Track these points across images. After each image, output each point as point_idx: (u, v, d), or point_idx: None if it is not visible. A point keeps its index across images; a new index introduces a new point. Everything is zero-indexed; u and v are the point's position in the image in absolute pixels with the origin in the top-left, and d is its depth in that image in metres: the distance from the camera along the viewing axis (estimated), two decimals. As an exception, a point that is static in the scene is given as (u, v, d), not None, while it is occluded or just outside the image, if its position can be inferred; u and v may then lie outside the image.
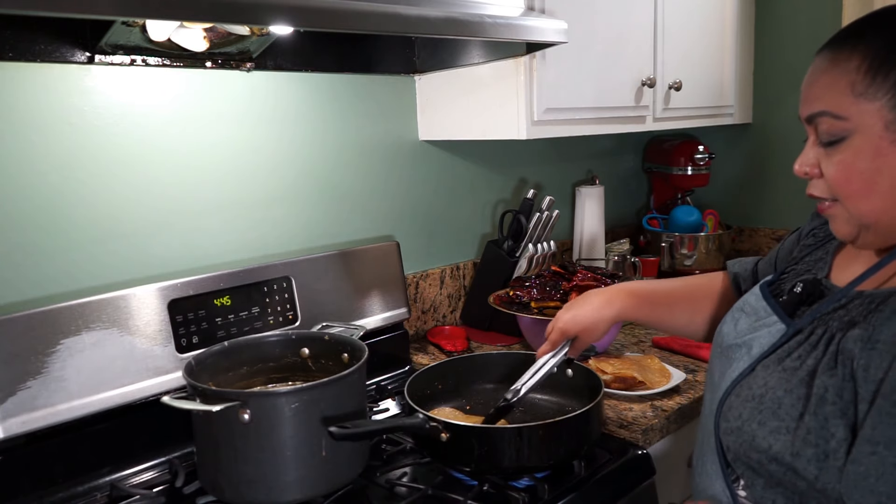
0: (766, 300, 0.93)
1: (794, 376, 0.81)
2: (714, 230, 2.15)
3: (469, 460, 1.04)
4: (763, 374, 0.85)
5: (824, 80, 0.81)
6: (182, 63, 1.24)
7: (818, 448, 0.75)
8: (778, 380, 0.82)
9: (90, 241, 1.18)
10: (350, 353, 1.14)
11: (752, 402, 0.84)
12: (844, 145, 0.79)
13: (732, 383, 0.89)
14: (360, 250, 1.47)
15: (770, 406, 0.81)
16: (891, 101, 0.76)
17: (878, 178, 0.78)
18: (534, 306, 1.52)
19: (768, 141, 2.22)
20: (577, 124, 1.58)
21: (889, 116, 0.76)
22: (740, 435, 0.84)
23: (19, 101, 1.10)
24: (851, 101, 0.78)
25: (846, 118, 0.78)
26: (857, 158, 0.79)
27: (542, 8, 1.42)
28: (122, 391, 1.11)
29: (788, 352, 0.84)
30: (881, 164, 0.77)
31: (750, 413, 0.83)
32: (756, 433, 0.82)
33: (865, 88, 0.77)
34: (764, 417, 0.81)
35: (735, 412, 0.86)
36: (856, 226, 0.82)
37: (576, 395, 1.23)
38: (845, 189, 0.81)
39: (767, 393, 0.82)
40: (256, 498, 0.98)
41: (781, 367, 0.83)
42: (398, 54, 1.57)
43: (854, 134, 0.78)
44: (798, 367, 0.81)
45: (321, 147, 1.49)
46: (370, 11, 0.96)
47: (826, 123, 0.80)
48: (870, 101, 0.77)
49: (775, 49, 2.14)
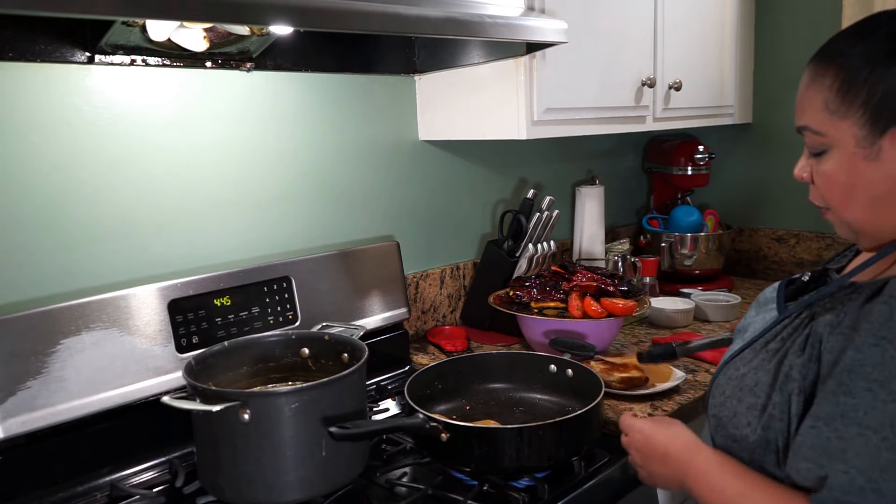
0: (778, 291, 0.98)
1: (774, 357, 0.86)
2: (714, 230, 2.15)
3: (469, 460, 1.04)
4: (749, 355, 0.90)
5: (806, 95, 0.85)
6: (182, 63, 1.24)
7: (782, 422, 0.80)
8: (760, 361, 0.87)
9: (91, 240, 1.19)
10: (350, 353, 1.14)
11: (734, 380, 0.89)
12: (826, 157, 0.83)
13: (723, 363, 0.95)
14: (360, 250, 1.47)
15: (748, 384, 0.86)
16: (860, 118, 0.79)
17: (855, 191, 0.82)
18: (534, 306, 1.52)
19: (768, 141, 2.22)
20: (577, 124, 1.58)
21: (860, 133, 0.80)
22: (722, 409, 0.89)
23: (19, 101, 1.10)
24: (826, 117, 0.82)
25: (823, 134, 0.83)
26: (836, 171, 0.83)
27: (542, 8, 1.42)
28: (122, 391, 1.11)
29: (775, 335, 0.89)
30: (856, 178, 0.81)
31: (732, 390, 0.89)
32: (737, 409, 0.87)
33: (837, 106, 0.81)
34: (742, 395, 0.87)
35: (721, 388, 0.92)
36: (850, 230, 0.87)
37: (576, 395, 1.23)
38: (830, 199, 0.85)
39: (749, 373, 0.88)
40: (256, 498, 0.98)
41: (766, 350, 0.88)
42: (398, 54, 1.57)
43: (832, 148, 0.83)
44: (779, 349, 0.86)
45: (321, 147, 1.49)
46: (370, 11, 0.96)
47: (808, 137, 0.85)
48: (842, 119, 0.81)
49: (775, 49, 2.14)
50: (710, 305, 1.82)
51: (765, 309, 0.97)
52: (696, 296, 1.87)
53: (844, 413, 0.73)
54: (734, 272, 2.30)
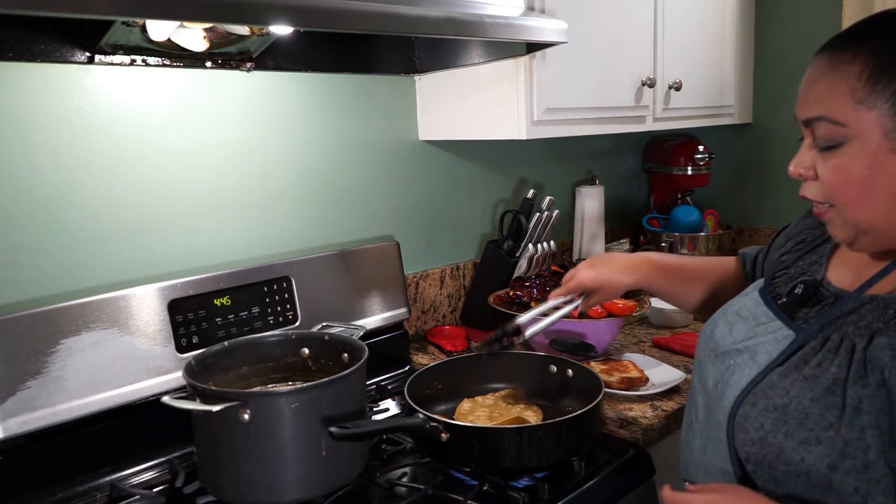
0: (766, 305, 0.91)
1: (817, 384, 0.79)
2: (714, 230, 2.15)
3: (469, 460, 1.04)
4: (782, 383, 0.82)
5: (824, 83, 0.80)
6: (182, 63, 1.24)
7: (856, 460, 0.73)
8: (801, 389, 0.80)
9: (91, 240, 1.19)
10: (350, 353, 1.14)
11: (773, 412, 0.81)
12: (842, 150, 0.79)
13: (743, 391, 0.85)
14: (360, 250, 1.47)
15: (796, 416, 0.78)
16: (891, 108, 0.75)
17: (875, 185, 0.77)
18: (534, 306, 1.52)
19: (768, 141, 2.22)
20: (577, 124, 1.58)
21: (889, 125, 0.75)
22: (764, 446, 0.81)
23: (19, 101, 1.10)
24: (851, 107, 0.77)
25: (845, 124, 0.77)
26: (853, 164, 0.78)
27: (542, 8, 1.42)
28: (122, 391, 1.11)
29: (805, 360, 0.82)
30: (878, 171, 0.77)
31: (773, 424, 0.80)
32: (784, 445, 0.79)
33: (866, 96, 0.76)
34: (790, 428, 0.78)
35: (755, 422, 0.82)
36: (853, 230, 0.82)
37: (576, 395, 1.23)
38: (841, 195, 0.80)
39: (791, 403, 0.80)
40: (256, 498, 0.98)
41: (802, 376, 0.81)
42: (398, 54, 1.57)
43: (852, 140, 0.78)
44: (819, 376, 0.79)
45: (321, 147, 1.49)
46: (370, 11, 0.96)
47: (824, 128, 0.79)
48: (869, 109, 0.76)
49: (775, 49, 2.14)
50: (710, 305, 1.82)
51: (762, 326, 0.89)
52: (696, 296, 1.87)
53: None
54: (734, 272, 2.30)
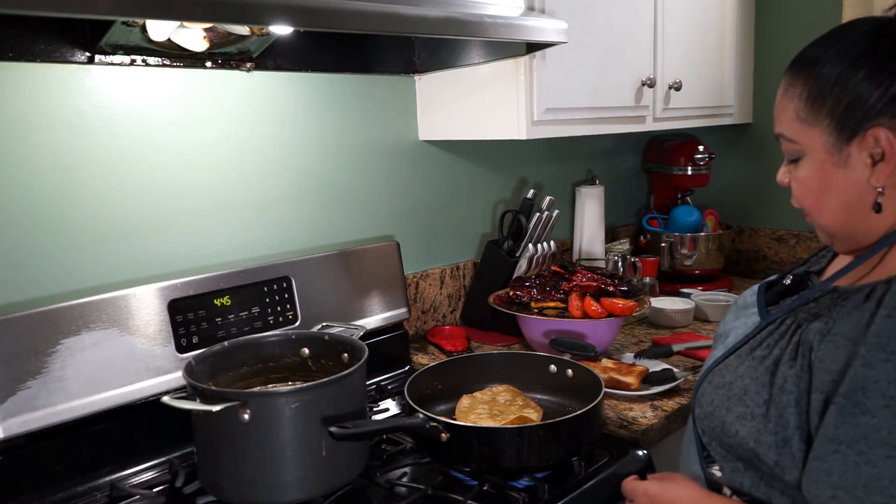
0: (757, 294, 0.98)
1: (761, 365, 0.85)
2: (714, 230, 2.15)
3: (469, 460, 1.04)
4: (735, 362, 0.90)
5: (781, 103, 0.87)
6: (182, 63, 1.24)
7: (777, 436, 0.79)
8: (747, 368, 0.87)
9: (91, 240, 1.18)
10: (350, 353, 1.14)
11: (722, 388, 0.89)
12: (801, 164, 0.86)
13: (706, 370, 0.95)
14: (360, 250, 1.47)
15: (737, 393, 0.86)
16: (829, 126, 0.81)
17: (827, 197, 0.84)
18: (534, 306, 1.52)
19: (768, 141, 2.21)
20: (577, 124, 1.58)
21: (829, 141, 0.82)
22: (712, 420, 0.89)
23: (19, 101, 1.10)
24: (798, 126, 0.84)
25: (796, 142, 0.85)
26: (809, 178, 0.85)
27: (542, 8, 1.42)
28: (122, 391, 1.11)
29: (760, 342, 0.89)
30: (828, 184, 0.84)
31: (720, 399, 0.88)
32: (725, 418, 0.86)
33: (807, 115, 0.83)
34: (731, 404, 0.86)
35: (707, 398, 0.91)
36: (825, 233, 0.89)
37: (576, 395, 1.23)
38: (805, 204, 0.88)
39: (736, 381, 0.87)
40: (256, 498, 0.98)
41: (752, 357, 0.88)
42: (398, 54, 1.57)
43: (805, 156, 0.85)
44: (766, 357, 0.86)
45: (321, 147, 1.49)
46: (370, 11, 0.96)
47: (784, 144, 0.88)
48: (812, 127, 0.83)
49: (775, 49, 2.14)
50: (710, 305, 1.82)
51: (745, 313, 0.97)
52: (696, 296, 1.87)
53: (867, 434, 0.72)
54: (734, 272, 2.30)
